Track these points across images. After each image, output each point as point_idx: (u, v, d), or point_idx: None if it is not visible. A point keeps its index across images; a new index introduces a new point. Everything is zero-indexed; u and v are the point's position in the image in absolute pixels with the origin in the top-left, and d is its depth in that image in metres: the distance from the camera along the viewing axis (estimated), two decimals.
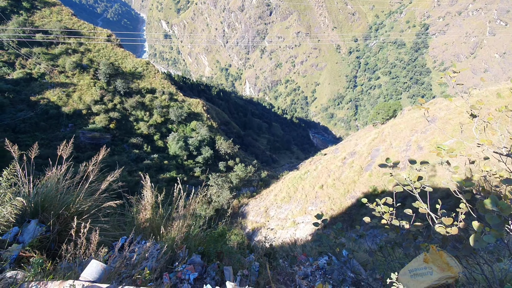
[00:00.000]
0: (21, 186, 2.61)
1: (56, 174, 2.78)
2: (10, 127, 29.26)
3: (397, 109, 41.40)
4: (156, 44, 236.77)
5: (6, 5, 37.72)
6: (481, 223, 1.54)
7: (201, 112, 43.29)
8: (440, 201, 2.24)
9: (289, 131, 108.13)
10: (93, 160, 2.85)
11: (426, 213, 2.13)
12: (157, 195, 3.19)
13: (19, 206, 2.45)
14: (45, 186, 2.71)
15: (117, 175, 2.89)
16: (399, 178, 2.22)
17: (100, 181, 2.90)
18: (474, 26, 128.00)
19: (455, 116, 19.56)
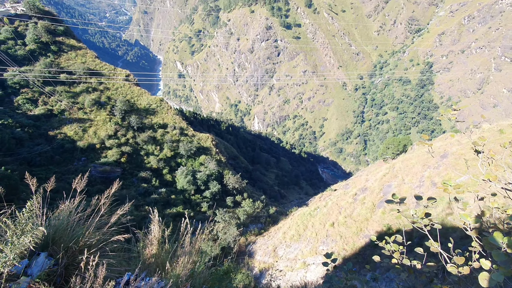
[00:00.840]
0: (35, 218, 2.68)
1: (68, 207, 2.84)
2: (26, 161, 30.30)
3: (407, 144, 41.07)
4: (170, 82, 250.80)
5: (35, 48, 41.56)
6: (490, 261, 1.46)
7: (210, 146, 43.99)
8: (454, 241, 2.14)
9: (297, 166, 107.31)
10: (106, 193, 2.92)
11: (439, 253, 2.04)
12: (164, 229, 3.17)
13: (39, 236, 2.49)
14: (57, 219, 2.76)
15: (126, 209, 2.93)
16: (407, 215, 2.16)
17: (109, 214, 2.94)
18: (478, 63, 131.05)
19: (467, 151, 19.20)
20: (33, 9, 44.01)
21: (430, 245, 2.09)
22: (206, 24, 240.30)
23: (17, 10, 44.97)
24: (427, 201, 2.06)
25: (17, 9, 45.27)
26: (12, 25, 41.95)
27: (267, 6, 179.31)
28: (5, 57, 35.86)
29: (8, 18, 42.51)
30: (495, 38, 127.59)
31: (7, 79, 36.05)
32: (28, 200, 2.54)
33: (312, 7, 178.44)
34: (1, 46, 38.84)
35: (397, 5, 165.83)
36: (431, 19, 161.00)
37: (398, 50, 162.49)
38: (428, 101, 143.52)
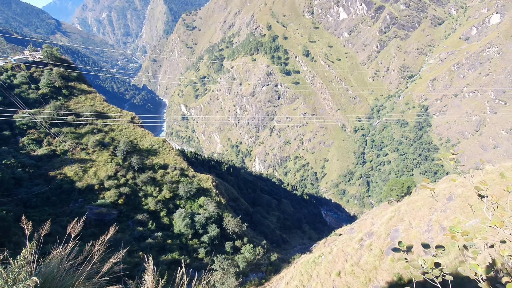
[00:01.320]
0: (27, 266, 2.51)
1: (60, 254, 2.68)
2: (22, 201, 29.66)
3: (411, 186, 40.39)
4: (173, 124, 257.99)
5: (48, 91, 43.74)
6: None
7: (210, 187, 43.34)
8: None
9: (299, 208, 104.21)
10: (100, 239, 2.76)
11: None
12: (158, 280, 2.91)
13: (32, 286, 2.31)
14: (47, 266, 2.58)
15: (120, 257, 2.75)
16: (415, 265, 2.04)
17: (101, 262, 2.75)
18: (473, 106, 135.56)
19: (473, 193, 18.71)
20: (50, 57, 47.46)
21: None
22: (210, 71, 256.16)
23: (35, 58, 48.49)
24: (435, 249, 2.00)
25: (35, 57, 48.86)
26: (28, 71, 44.81)
27: (267, 55, 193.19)
28: (17, 100, 37.55)
29: (25, 64, 45.63)
30: (486, 83, 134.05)
31: (16, 120, 37.24)
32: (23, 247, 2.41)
33: (309, 56, 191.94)
34: (15, 90, 40.96)
35: (388, 54, 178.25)
36: (422, 66, 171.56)
37: (393, 94, 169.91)
38: (427, 142, 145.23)
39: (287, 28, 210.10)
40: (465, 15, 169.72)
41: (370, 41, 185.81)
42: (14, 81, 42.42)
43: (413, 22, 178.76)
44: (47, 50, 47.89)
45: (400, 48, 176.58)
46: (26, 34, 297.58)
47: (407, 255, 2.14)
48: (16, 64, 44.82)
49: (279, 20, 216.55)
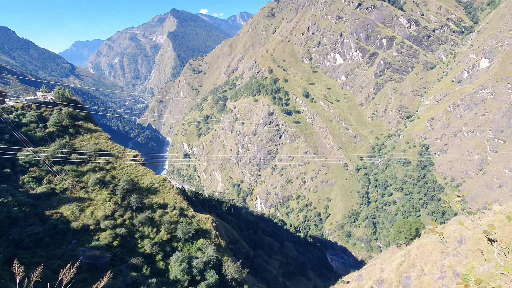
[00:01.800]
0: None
1: None
2: (14, 242, 28.38)
3: (419, 228, 38.69)
4: (175, 162, 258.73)
5: (55, 130, 44.78)
6: None
7: (210, 228, 41.65)
8: None
9: (303, 252, 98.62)
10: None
11: None
12: None
13: None
14: None
15: None
16: None
17: None
18: (473, 145, 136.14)
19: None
20: (61, 98, 49.66)
21: None
22: (213, 111, 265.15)
23: (47, 98, 50.73)
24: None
25: (46, 97, 51.16)
26: (38, 111, 46.51)
27: (269, 96, 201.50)
28: (23, 138, 38.31)
29: (36, 104, 47.55)
30: (483, 122, 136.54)
31: (19, 158, 37.54)
32: None
33: (309, 97, 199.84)
34: (23, 128, 42.06)
35: (385, 96, 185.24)
36: (418, 107, 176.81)
37: (393, 133, 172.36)
38: (432, 181, 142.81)
39: (287, 72, 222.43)
40: (455, 60, 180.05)
41: (366, 84, 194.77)
42: (23, 120, 43.80)
43: (406, 66, 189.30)
44: (59, 92, 50.29)
45: (396, 90, 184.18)
46: (41, 77, 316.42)
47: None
48: (27, 104, 46.73)
49: (280, 64, 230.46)
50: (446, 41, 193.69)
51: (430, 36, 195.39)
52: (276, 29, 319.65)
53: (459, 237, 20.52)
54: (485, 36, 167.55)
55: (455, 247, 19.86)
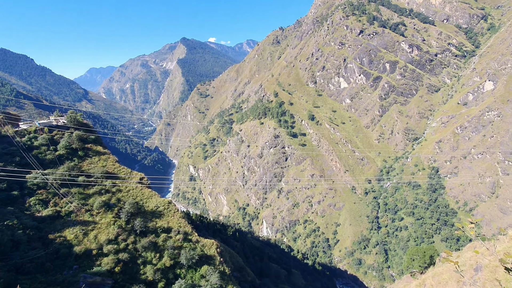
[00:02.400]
0: None
1: None
2: (15, 267, 27.90)
3: (434, 255, 36.82)
4: (181, 185, 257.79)
5: (64, 153, 45.60)
6: None
7: (214, 254, 40.37)
8: None
9: (312, 281, 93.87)
10: None
11: None
12: None
13: None
14: None
15: None
16: None
17: None
18: (484, 168, 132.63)
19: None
20: (73, 121, 51.18)
21: None
22: (220, 133, 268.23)
23: (59, 122, 52.31)
24: None
25: (59, 121, 52.77)
26: (50, 134, 47.81)
27: (274, 119, 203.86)
28: (33, 161, 39.07)
29: (49, 128, 48.99)
30: (492, 144, 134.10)
31: (28, 180, 38.02)
32: None
33: (314, 119, 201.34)
34: (34, 151, 43.02)
35: (391, 118, 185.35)
36: (425, 129, 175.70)
37: (401, 156, 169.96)
38: (444, 206, 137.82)
39: (293, 95, 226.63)
40: (459, 83, 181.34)
41: (371, 106, 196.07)
42: (35, 143, 44.95)
43: (411, 89, 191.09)
44: (71, 115, 51.98)
45: (402, 112, 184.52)
46: (55, 101, 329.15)
47: None
48: (40, 128, 48.21)
49: (285, 88, 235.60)
50: (449, 65, 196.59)
51: (433, 60, 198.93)
52: (281, 55, 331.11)
53: (475, 264, 19.36)
54: (488, 59, 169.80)
55: (471, 275, 18.68)
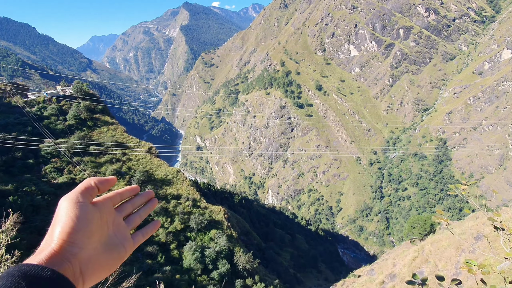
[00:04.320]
0: None
1: None
2: (37, 229, 30.07)
3: (434, 223, 38.00)
4: (188, 155, 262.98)
5: (74, 123, 46.53)
6: None
7: (222, 220, 42.46)
8: None
9: (314, 245, 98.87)
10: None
11: None
12: None
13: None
14: None
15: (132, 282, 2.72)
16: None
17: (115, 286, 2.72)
18: (494, 140, 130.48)
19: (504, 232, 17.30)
20: (80, 91, 51.33)
21: None
22: (226, 104, 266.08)
23: (66, 92, 52.57)
24: (451, 282, 1.97)
25: (66, 91, 53.01)
26: (58, 104, 48.32)
27: (281, 89, 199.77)
28: (45, 130, 40.03)
29: (56, 98, 49.39)
30: (505, 116, 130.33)
31: (42, 149, 39.35)
32: None
33: (322, 90, 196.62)
34: (44, 121, 43.90)
35: (401, 88, 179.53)
36: (436, 99, 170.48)
37: (409, 127, 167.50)
38: (448, 177, 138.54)
39: (300, 64, 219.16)
40: (476, 51, 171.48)
41: (382, 76, 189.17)
42: (44, 113, 45.68)
43: (424, 57, 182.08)
44: (77, 85, 52.01)
45: (413, 82, 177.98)
46: (60, 71, 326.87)
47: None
48: (48, 98, 48.62)
49: (292, 57, 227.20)
50: (467, 31, 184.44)
51: (450, 26, 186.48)
52: (289, 20, 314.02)
53: (476, 233, 20.04)
54: (508, 26, 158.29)
55: (471, 243, 19.43)
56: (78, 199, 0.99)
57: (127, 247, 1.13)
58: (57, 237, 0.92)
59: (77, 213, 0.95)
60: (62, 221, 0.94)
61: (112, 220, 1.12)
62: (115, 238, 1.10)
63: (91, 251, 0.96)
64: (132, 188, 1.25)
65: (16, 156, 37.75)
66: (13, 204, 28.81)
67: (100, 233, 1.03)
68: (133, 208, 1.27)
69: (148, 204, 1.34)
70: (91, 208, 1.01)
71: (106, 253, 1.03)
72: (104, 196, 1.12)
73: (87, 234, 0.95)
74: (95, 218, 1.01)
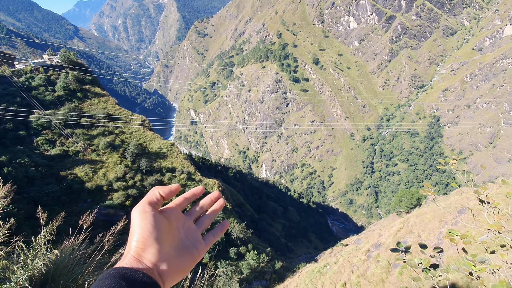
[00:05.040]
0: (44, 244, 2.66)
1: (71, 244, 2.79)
2: (33, 200, 30.39)
3: (421, 197, 39.57)
4: (182, 128, 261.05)
5: (63, 94, 45.17)
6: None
7: None
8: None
9: (306, 217, 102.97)
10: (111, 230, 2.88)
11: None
12: None
13: (52, 259, 2.45)
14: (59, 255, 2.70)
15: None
16: (412, 264, 2.13)
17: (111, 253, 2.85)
18: (486, 118, 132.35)
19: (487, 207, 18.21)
20: (67, 61, 49.13)
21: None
22: (220, 77, 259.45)
23: (53, 62, 50.26)
24: (433, 250, 2.04)
25: (53, 60, 50.66)
26: (46, 74, 46.42)
27: (277, 62, 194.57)
28: (34, 102, 38.86)
29: (44, 67, 47.31)
30: (500, 94, 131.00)
31: (32, 121, 38.48)
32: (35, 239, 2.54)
33: (319, 64, 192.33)
34: (33, 92, 42.43)
35: (399, 64, 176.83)
36: (433, 76, 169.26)
37: (404, 104, 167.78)
38: (438, 153, 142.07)
39: (297, 36, 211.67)
40: (478, 26, 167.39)
41: (380, 51, 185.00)
42: (32, 83, 44.00)
43: (425, 32, 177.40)
44: (65, 55, 49.64)
45: (411, 57, 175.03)
46: (46, 39, 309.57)
47: (405, 256, 2.22)
48: (35, 67, 46.54)
49: (289, 28, 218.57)
50: (471, 4, 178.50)
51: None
52: None
53: (460, 207, 21.06)
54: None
55: (455, 216, 20.49)
56: (145, 209, 1.07)
57: (199, 248, 1.22)
58: (134, 245, 1.01)
59: (146, 223, 1.04)
60: (135, 231, 1.03)
61: (182, 224, 1.21)
62: (187, 241, 1.19)
63: (164, 256, 1.05)
64: (197, 190, 1.30)
65: (8, 128, 36.97)
66: (8, 176, 28.74)
67: (170, 238, 1.11)
68: (201, 211, 1.35)
69: (215, 205, 1.39)
70: (158, 216, 1.08)
71: (180, 256, 1.12)
72: (171, 202, 1.22)
73: (158, 241, 1.04)
74: (163, 225, 1.08)
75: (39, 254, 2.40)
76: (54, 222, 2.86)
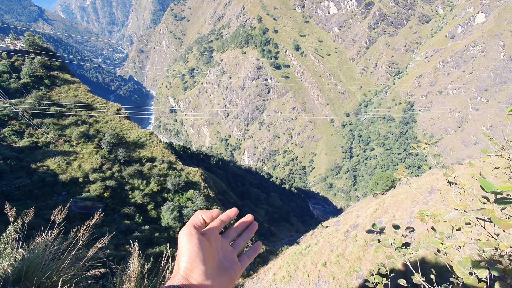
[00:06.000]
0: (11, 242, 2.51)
1: (44, 240, 2.67)
2: (3, 194, 28.64)
3: (396, 180, 41.69)
4: (161, 116, 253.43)
5: (29, 81, 41.99)
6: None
7: (199, 181, 43.18)
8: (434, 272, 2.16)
9: (288, 202, 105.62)
10: (85, 225, 2.78)
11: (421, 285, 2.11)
12: (143, 264, 2.96)
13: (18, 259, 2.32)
14: (31, 252, 2.58)
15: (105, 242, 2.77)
16: (386, 244, 2.23)
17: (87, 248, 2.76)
18: (456, 103, 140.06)
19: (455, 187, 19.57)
20: (32, 45, 45.39)
21: (413, 277, 2.12)
22: (199, 63, 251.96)
23: (17, 46, 46.24)
24: (405, 230, 2.15)
25: (16, 45, 46.59)
26: (9, 60, 42.74)
27: (258, 48, 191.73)
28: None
29: (6, 53, 43.46)
30: (469, 80, 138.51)
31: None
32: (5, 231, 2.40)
33: (299, 50, 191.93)
34: None
35: (377, 51, 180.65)
36: (408, 63, 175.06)
37: (381, 90, 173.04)
38: (412, 138, 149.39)
39: (278, 21, 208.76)
40: (452, 14, 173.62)
41: (359, 37, 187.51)
42: None
43: (402, 19, 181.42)
44: (29, 38, 45.78)
45: (389, 44, 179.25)
46: (8, 22, 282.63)
47: (380, 236, 2.28)
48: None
49: (270, 13, 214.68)
50: None
51: None
52: None
53: (430, 188, 22.50)
54: None
55: (425, 196, 21.90)
56: (192, 233, 1.14)
57: (236, 269, 1.27)
58: (183, 266, 1.09)
59: (193, 245, 1.11)
60: (184, 252, 1.11)
61: (221, 246, 1.28)
62: (225, 263, 1.25)
63: (209, 276, 1.12)
64: (232, 213, 1.37)
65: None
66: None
67: (212, 259, 1.18)
68: (236, 233, 1.41)
69: (250, 227, 1.46)
70: (202, 239, 1.16)
71: (220, 276, 1.19)
72: (210, 225, 1.29)
73: (203, 262, 1.11)
74: (206, 246, 1.15)
75: (4, 254, 2.27)
76: (24, 217, 2.71)
